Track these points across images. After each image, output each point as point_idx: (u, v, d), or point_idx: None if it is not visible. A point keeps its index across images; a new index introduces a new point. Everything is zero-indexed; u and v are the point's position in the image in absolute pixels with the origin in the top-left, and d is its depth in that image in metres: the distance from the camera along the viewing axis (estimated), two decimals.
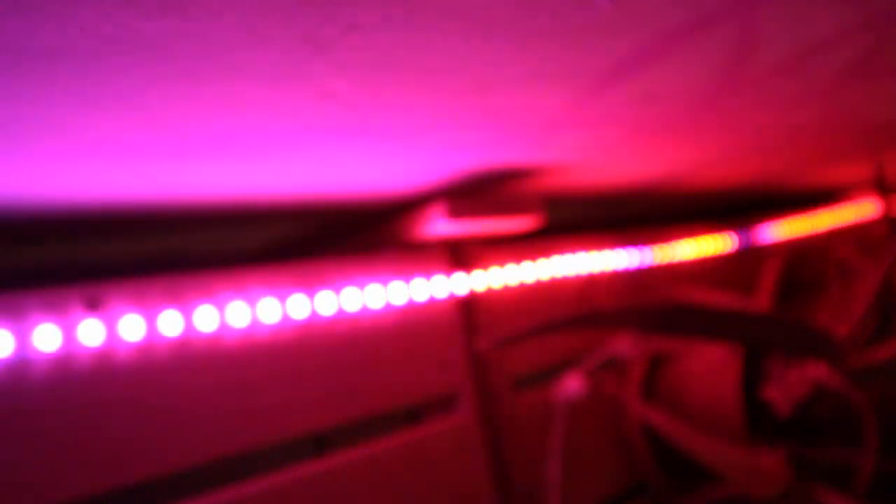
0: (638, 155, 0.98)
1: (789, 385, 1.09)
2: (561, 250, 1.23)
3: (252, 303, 0.85)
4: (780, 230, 1.71)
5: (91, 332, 0.72)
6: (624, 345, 1.15)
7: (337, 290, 0.92)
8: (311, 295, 0.90)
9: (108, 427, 0.73)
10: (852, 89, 0.80)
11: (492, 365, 1.10)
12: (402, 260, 1.01)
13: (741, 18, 0.53)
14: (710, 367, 1.20)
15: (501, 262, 1.14)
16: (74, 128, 0.51)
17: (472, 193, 0.99)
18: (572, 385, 1.07)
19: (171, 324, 0.78)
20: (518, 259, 1.16)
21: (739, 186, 1.51)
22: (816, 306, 1.32)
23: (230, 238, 0.95)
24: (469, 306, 1.09)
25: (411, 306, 1.01)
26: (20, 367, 0.68)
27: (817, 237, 1.71)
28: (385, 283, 0.98)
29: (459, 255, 1.09)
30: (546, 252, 1.21)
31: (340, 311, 0.93)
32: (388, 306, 0.98)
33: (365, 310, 0.95)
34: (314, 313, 0.90)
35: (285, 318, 0.87)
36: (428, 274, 1.03)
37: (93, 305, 0.73)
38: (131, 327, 0.75)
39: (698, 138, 0.94)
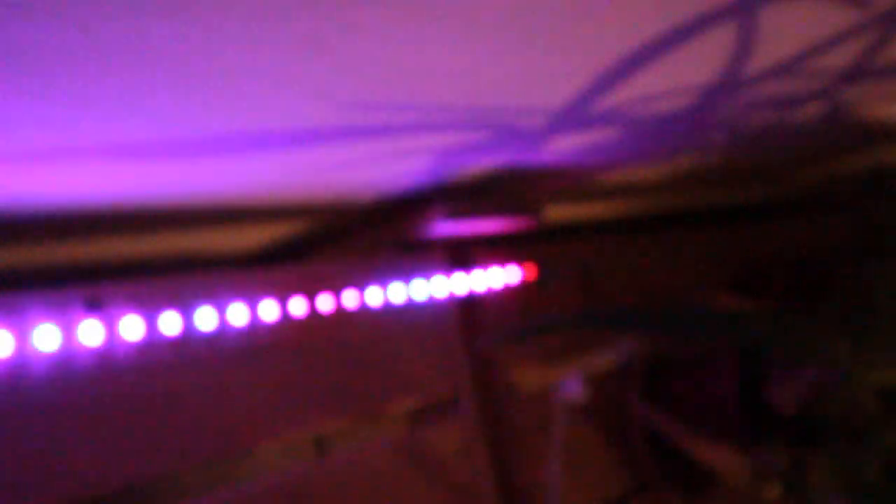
0: (637, 155, 0.98)
1: (790, 386, 1.09)
2: (560, 250, 1.23)
3: (252, 303, 0.85)
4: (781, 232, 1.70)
5: (91, 332, 0.72)
6: (625, 345, 1.15)
7: (337, 290, 0.92)
8: (311, 295, 0.90)
9: (108, 427, 0.73)
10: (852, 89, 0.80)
11: (492, 365, 1.10)
12: (402, 260, 1.01)
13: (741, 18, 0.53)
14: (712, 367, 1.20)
15: (501, 263, 1.14)
16: (74, 128, 0.51)
17: (472, 193, 0.99)
18: (572, 386, 1.07)
19: (171, 324, 0.78)
20: (518, 259, 1.16)
21: (740, 187, 1.51)
22: (818, 307, 1.31)
23: (230, 238, 0.95)
24: (469, 306, 1.09)
25: (411, 306, 1.01)
26: (20, 367, 0.68)
27: (819, 239, 1.71)
28: (385, 283, 0.98)
29: (459, 255, 1.09)
30: (545, 252, 1.21)
31: (340, 311, 0.93)
32: (388, 306, 0.98)
33: (365, 310, 0.95)
34: (314, 313, 0.90)
35: (285, 318, 0.87)
36: (428, 274, 1.03)
37: (93, 305, 0.73)
38: (131, 327, 0.75)
39: (697, 139, 0.94)
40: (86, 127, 0.51)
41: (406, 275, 1.01)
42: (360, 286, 0.95)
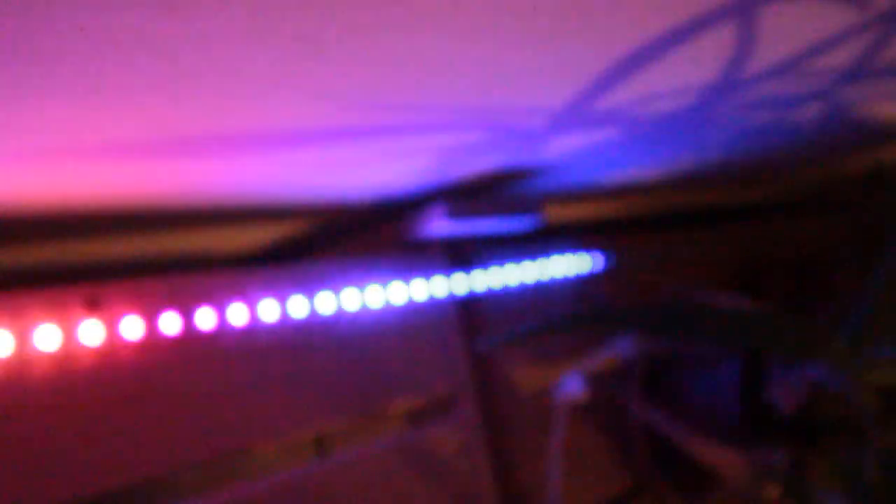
0: (637, 155, 0.98)
1: (790, 385, 1.09)
2: (561, 250, 1.23)
3: (252, 303, 0.85)
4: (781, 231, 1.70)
5: (91, 332, 0.72)
6: (625, 345, 1.15)
7: (337, 290, 0.92)
8: (311, 295, 0.90)
9: (108, 427, 0.73)
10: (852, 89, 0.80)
11: (492, 365, 1.10)
12: (402, 260, 1.01)
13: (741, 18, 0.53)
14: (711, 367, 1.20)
15: (501, 262, 1.14)
16: (74, 127, 0.51)
17: (472, 193, 0.99)
18: (572, 385, 1.07)
19: (171, 324, 0.78)
20: (518, 259, 1.16)
21: (742, 188, 1.50)
22: (818, 307, 1.31)
23: (230, 238, 0.95)
24: (469, 306, 1.09)
25: (411, 306, 1.01)
26: (20, 367, 0.68)
27: (819, 238, 1.71)
28: (385, 283, 0.98)
29: (459, 255, 1.09)
30: (546, 252, 1.21)
31: (340, 311, 0.93)
32: (388, 306, 0.98)
33: (365, 310, 0.95)
34: (314, 313, 0.90)
35: (285, 318, 0.87)
36: (428, 274, 1.03)
37: (93, 305, 0.73)
38: (131, 327, 0.75)
39: (697, 139, 0.94)
40: (85, 127, 0.51)
41: (406, 275, 1.01)
42: (360, 286, 0.95)
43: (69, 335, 0.71)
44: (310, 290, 0.90)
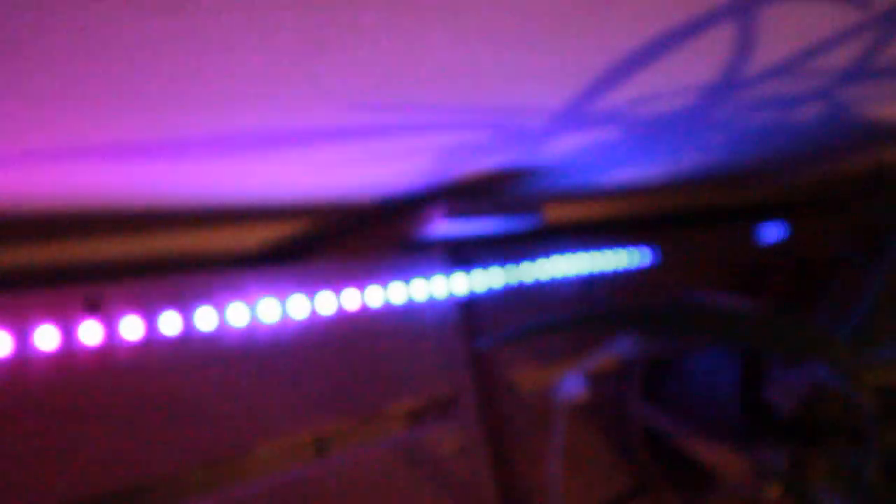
0: (637, 155, 0.98)
1: (790, 386, 1.09)
2: (561, 250, 1.23)
3: (252, 303, 0.85)
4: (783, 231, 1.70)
5: (91, 332, 0.72)
6: (625, 345, 1.15)
7: (337, 290, 0.92)
8: (311, 295, 0.90)
9: (108, 427, 0.73)
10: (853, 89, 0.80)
11: (492, 365, 1.10)
12: (402, 260, 1.01)
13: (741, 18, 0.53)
14: (711, 367, 1.20)
15: (501, 262, 1.14)
16: (74, 127, 0.51)
17: (472, 193, 0.99)
18: (572, 385, 1.07)
19: (171, 324, 0.78)
20: (518, 259, 1.16)
21: (743, 187, 1.50)
22: (818, 307, 1.31)
23: (230, 238, 0.95)
24: (469, 306, 1.09)
25: (411, 306, 1.01)
26: (20, 367, 0.68)
27: (819, 238, 1.71)
28: (385, 283, 0.98)
29: (459, 255, 1.09)
30: (546, 252, 1.21)
31: (340, 311, 0.93)
32: (388, 306, 0.98)
33: (365, 310, 0.95)
34: (314, 313, 0.90)
35: (285, 318, 0.87)
36: (428, 274, 1.03)
37: (93, 306, 0.73)
38: (131, 327, 0.75)
39: (697, 139, 0.94)
40: (85, 127, 0.51)
41: (406, 275, 1.01)
42: (360, 286, 0.95)
43: (69, 335, 0.71)
44: (310, 290, 0.90)
